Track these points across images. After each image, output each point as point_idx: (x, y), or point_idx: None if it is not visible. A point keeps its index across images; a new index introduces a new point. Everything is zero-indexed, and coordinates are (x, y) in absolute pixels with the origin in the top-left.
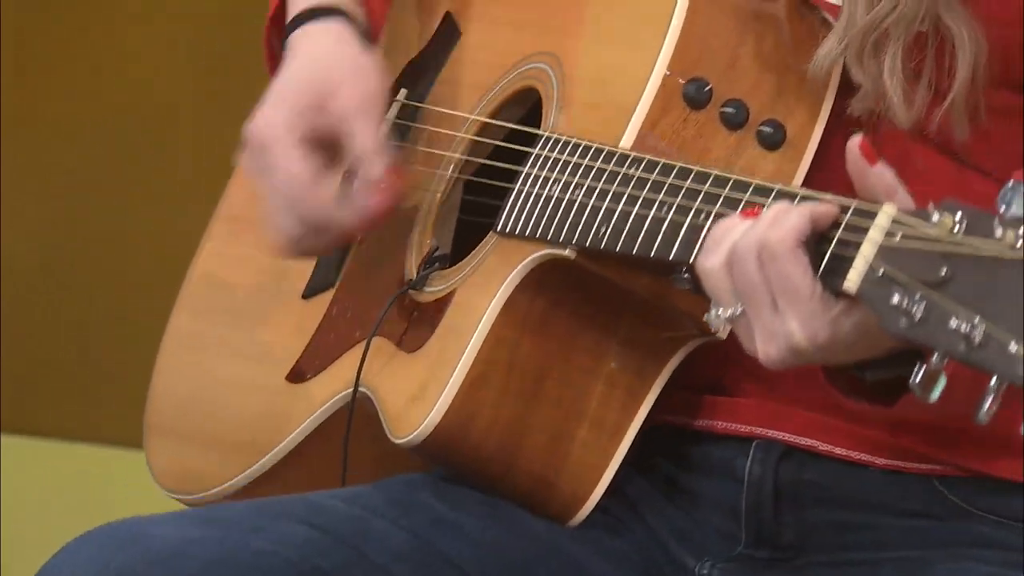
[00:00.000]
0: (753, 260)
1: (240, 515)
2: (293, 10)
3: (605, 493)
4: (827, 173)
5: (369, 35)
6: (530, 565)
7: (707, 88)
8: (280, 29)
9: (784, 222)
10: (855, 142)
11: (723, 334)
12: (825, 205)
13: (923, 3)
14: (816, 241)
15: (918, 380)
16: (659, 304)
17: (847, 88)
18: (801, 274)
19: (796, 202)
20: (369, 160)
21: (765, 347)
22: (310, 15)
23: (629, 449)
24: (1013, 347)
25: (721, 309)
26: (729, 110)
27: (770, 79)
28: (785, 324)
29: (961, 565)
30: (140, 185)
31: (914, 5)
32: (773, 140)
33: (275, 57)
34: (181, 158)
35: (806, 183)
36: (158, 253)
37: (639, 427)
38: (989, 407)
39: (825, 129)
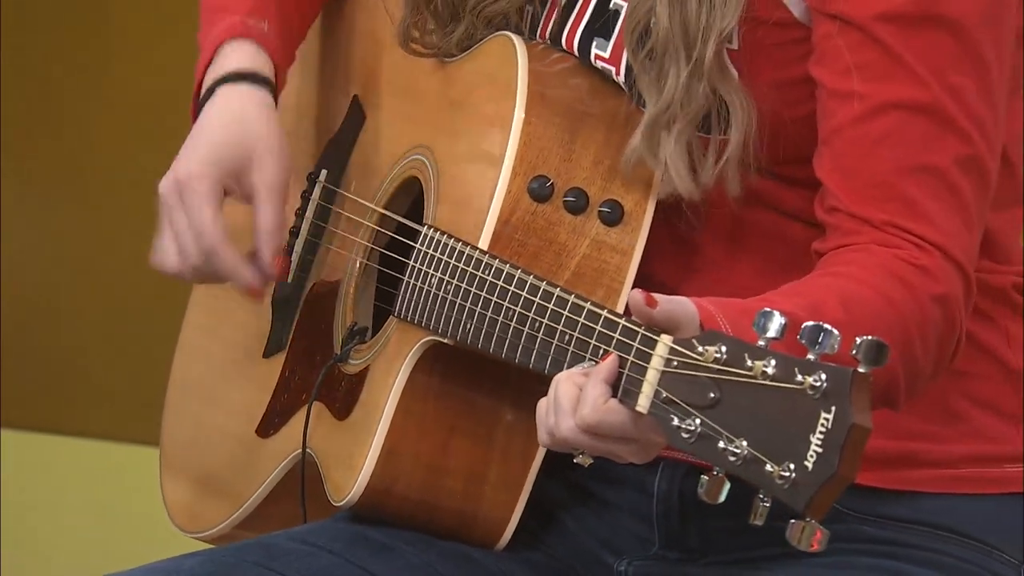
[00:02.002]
0: (587, 439)
1: (199, 563)
2: (223, 67)
3: (526, 513)
4: (668, 228)
5: (277, 90)
6: None
7: (549, 184)
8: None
9: (588, 399)
10: (635, 296)
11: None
12: (609, 360)
13: (703, 85)
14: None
15: (703, 489)
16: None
17: None
18: (626, 421)
19: (595, 335)
20: (267, 238)
21: (630, 460)
22: (238, 76)
23: (539, 474)
24: (769, 467)
25: (582, 455)
26: (570, 199)
27: (604, 165)
28: (632, 451)
29: (842, 557)
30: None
31: (695, 89)
32: (613, 218)
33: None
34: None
35: (646, 249)
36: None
37: (540, 461)
38: (760, 514)
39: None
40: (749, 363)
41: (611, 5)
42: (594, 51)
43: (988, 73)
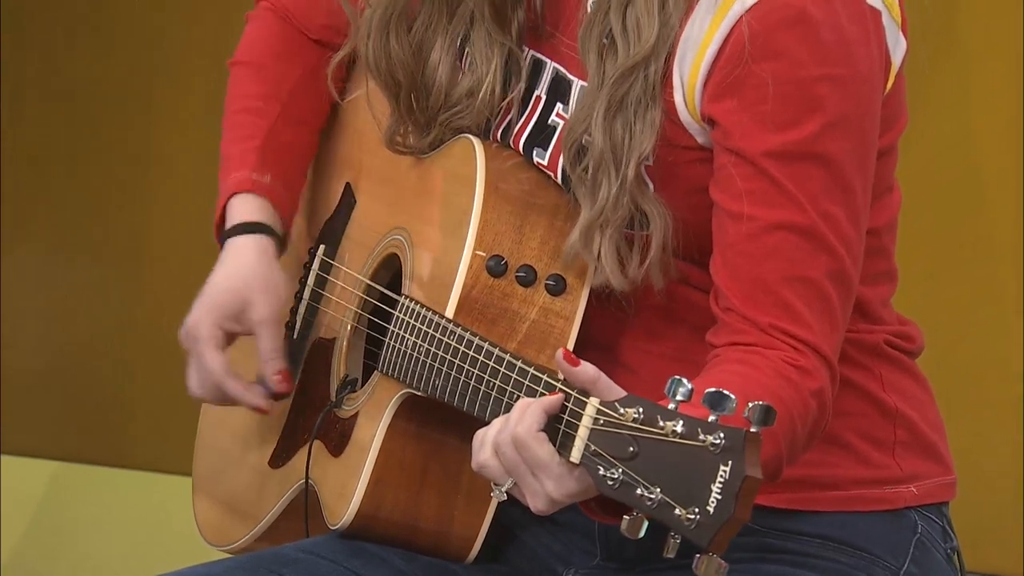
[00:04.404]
0: (511, 449)
1: (226, 569)
2: (232, 218)
3: (490, 533)
4: (603, 302)
5: (285, 241)
6: None
7: (503, 262)
8: (220, 228)
9: (526, 418)
10: (559, 355)
11: (503, 498)
12: (555, 396)
13: (625, 198)
14: (553, 421)
15: (624, 526)
16: None
17: None
18: (546, 452)
19: (538, 394)
20: (268, 362)
21: (533, 502)
22: (243, 228)
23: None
24: (678, 511)
25: (500, 487)
26: (521, 274)
27: (549, 246)
28: (543, 486)
29: (750, 565)
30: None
31: (622, 200)
32: (557, 289)
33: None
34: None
35: (586, 314)
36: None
37: None
38: (671, 548)
39: None
40: (661, 423)
41: (549, 122)
42: (535, 157)
43: (855, 200)
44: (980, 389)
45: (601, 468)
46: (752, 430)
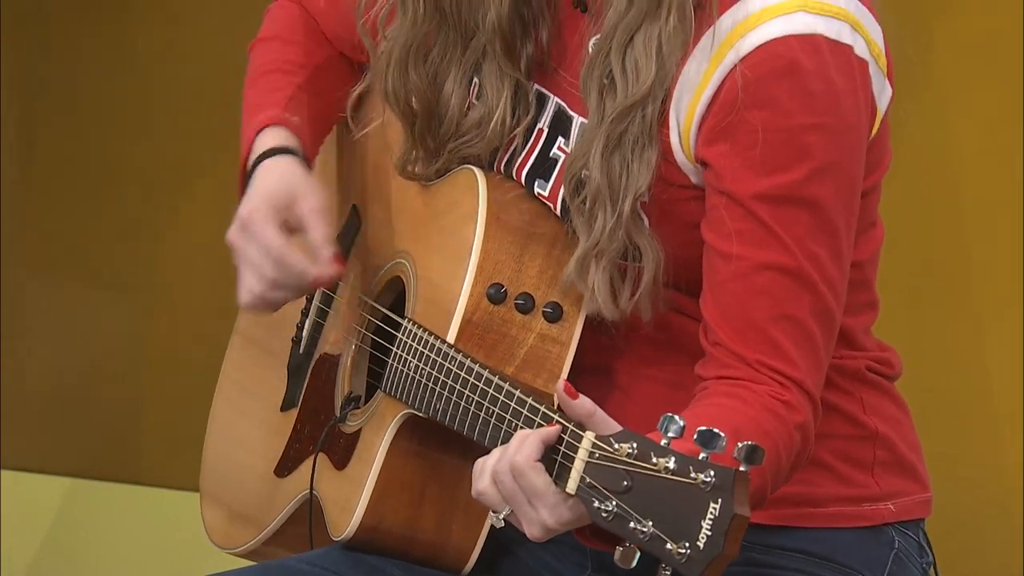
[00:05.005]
0: (508, 477)
1: None
2: (260, 147)
3: (486, 546)
4: (596, 329)
5: (309, 166)
6: None
7: (503, 289)
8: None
9: (525, 448)
10: (560, 386)
11: (500, 524)
12: (552, 428)
13: (620, 232)
14: (550, 452)
15: (617, 557)
16: None
17: None
18: (543, 482)
19: (536, 424)
20: (322, 246)
21: (529, 529)
22: (277, 151)
23: None
24: (669, 545)
25: (497, 514)
26: (520, 301)
27: (547, 274)
28: (539, 514)
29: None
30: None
31: (617, 234)
32: (554, 316)
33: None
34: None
35: (582, 339)
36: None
37: None
38: None
39: None
40: (654, 459)
41: (551, 154)
42: (536, 189)
43: (839, 242)
44: (955, 409)
45: (596, 500)
46: (741, 469)
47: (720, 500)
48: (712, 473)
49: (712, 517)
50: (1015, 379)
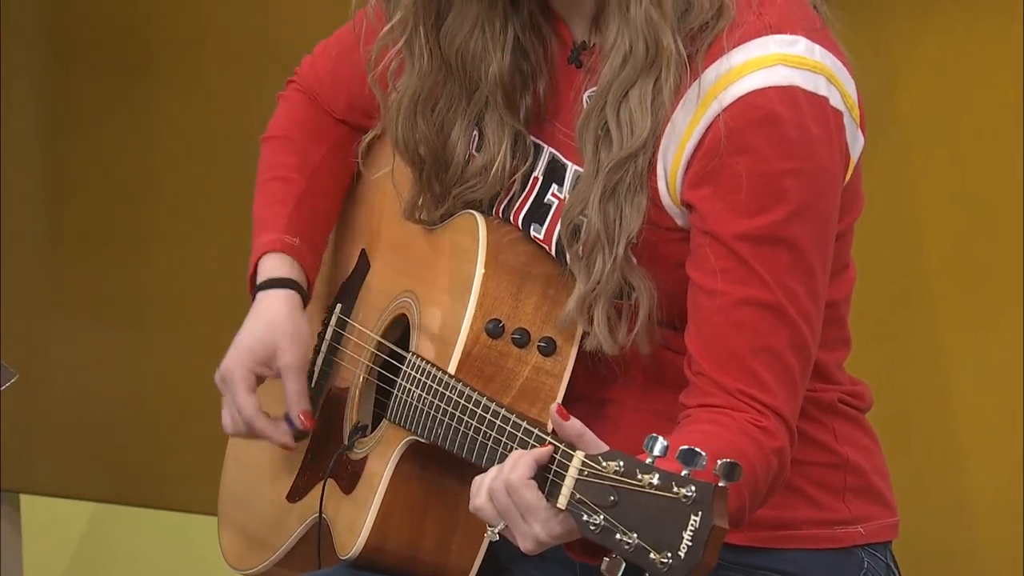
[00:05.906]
0: (503, 494)
1: None
2: (263, 274)
3: (483, 566)
4: (595, 363)
5: (308, 297)
6: None
7: (500, 324)
8: (252, 281)
9: (519, 467)
10: (554, 409)
11: (495, 538)
12: (545, 448)
13: (616, 273)
14: (542, 471)
15: (604, 567)
16: None
17: None
18: (535, 498)
19: (529, 445)
20: (294, 404)
21: (523, 543)
22: (273, 283)
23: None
24: (652, 555)
25: (493, 528)
26: (517, 336)
27: (542, 311)
28: (532, 528)
29: None
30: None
31: (614, 275)
32: (548, 350)
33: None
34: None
35: (575, 371)
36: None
37: None
38: None
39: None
40: (640, 476)
41: (545, 200)
42: (532, 232)
43: (815, 279)
44: (922, 438)
45: (585, 514)
46: (720, 484)
47: (700, 513)
48: (693, 488)
49: (693, 528)
50: (979, 411)
